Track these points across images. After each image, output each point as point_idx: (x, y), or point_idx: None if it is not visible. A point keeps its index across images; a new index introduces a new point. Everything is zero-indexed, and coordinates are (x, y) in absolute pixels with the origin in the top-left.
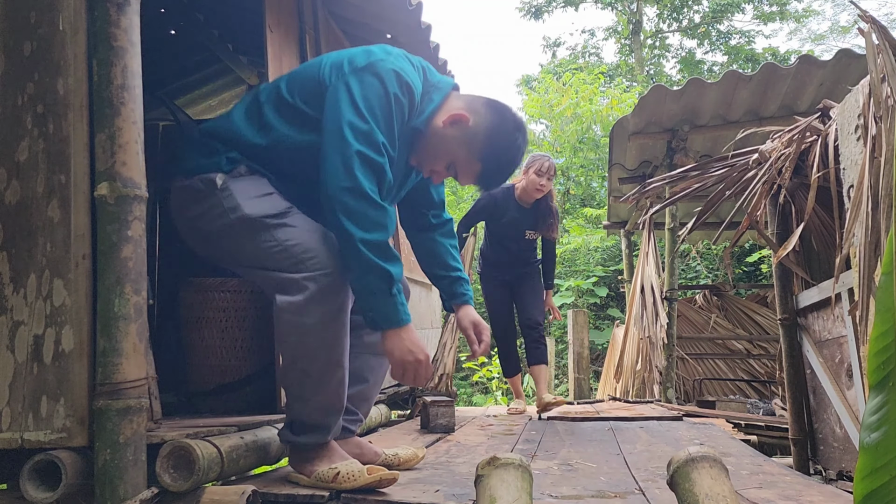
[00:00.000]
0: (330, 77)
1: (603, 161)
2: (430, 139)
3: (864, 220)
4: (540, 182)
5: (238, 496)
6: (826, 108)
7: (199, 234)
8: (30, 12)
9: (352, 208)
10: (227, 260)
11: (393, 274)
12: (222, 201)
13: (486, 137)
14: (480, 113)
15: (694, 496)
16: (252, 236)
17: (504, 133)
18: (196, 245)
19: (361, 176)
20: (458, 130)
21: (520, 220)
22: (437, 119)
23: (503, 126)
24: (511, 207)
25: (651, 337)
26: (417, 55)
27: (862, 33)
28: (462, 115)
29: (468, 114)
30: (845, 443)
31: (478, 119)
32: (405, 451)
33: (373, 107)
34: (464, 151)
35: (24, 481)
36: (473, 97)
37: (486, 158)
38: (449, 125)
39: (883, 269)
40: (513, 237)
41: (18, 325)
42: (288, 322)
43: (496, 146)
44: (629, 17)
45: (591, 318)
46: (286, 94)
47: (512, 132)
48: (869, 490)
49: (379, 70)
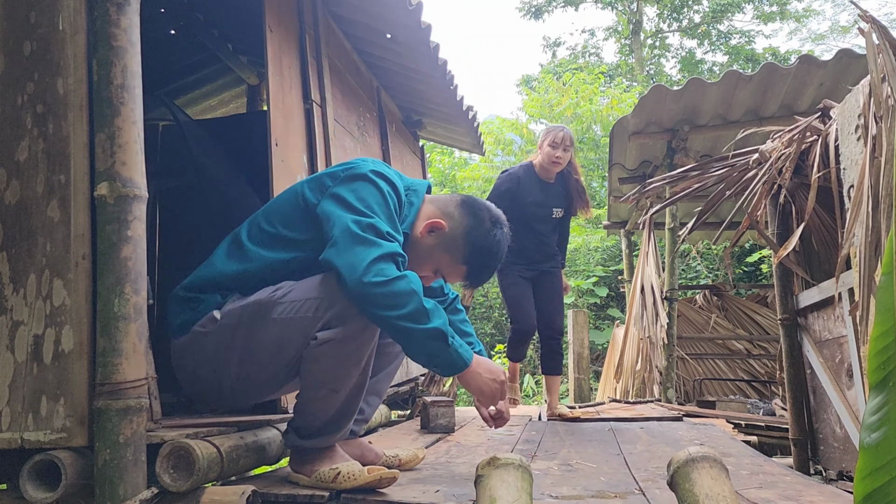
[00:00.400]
0: (314, 195)
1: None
2: (413, 247)
3: (864, 220)
4: (555, 154)
5: (238, 496)
6: (826, 108)
7: (212, 366)
8: (30, 12)
9: (378, 295)
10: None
11: (441, 329)
12: (229, 321)
13: (464, 241)
14: (455, 216)
15: (694, 496)
16: (268, 315)
17: (482, 233)
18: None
19: (374, 261)
20: (437, 238)
21: (545, 199)
22: (416, 228)
23: (480, 226)
24: (534, 186)
25: (651, 337)
26: (417, 55)
27: (862, 33)
28: (438, 223)
29: (444, 219)
30: (845, 443)
31: (453, 224)
32: (405, 453)
33: (370, 204)
34: (446, 258)
35: (24, 481)
36: (446, 200)
37: (469, 260)
38: (427, 234)
39: (883, 269)
40: (540, 217)
41: (18, 325)
42: (324, 353)
43: (476, 247)
44: (629, 16)
45: (592, 318)
46: (266, 226)
47: (490, 230)
48: (869, 490)
49: (363, 172)
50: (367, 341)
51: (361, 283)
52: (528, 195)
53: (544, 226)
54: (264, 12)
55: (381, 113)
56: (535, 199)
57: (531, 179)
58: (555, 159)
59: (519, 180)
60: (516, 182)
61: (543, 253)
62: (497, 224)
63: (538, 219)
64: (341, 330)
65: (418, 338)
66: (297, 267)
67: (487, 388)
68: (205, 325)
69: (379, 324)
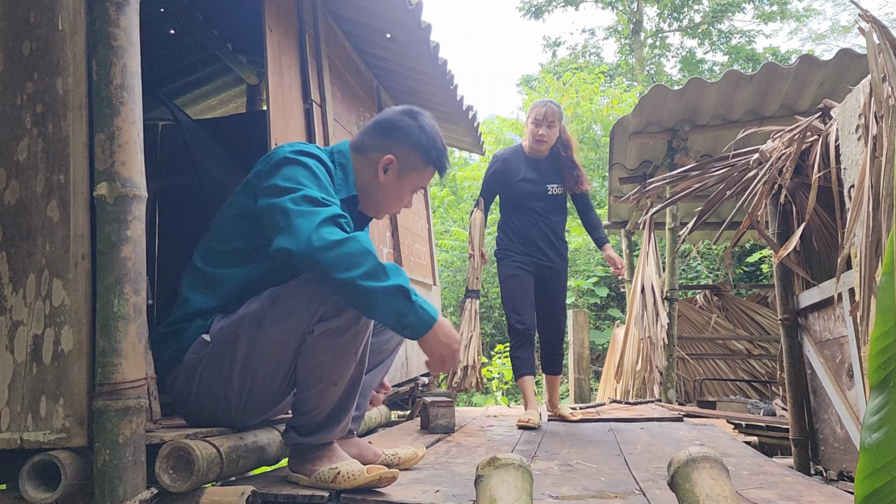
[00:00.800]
0: (251, 199)
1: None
2: (383, 191)
3: (865, 219)
4: (538, 132)
5: (238, 496)
6: (827, 108)
7: (214, 390)
8: (29, 12)
9: (331, 259)
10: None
11: (403, 285)
12: (222, 339)
13: (414, 150)
14: (388, 144)
15: (695, 496)
16: (263, 321)
17: (416, 132)
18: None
19: (317, 227)
20: (395, 169)
21: (538, 176)
22: (371, 178)
23: (410, 130)
24: (523, 163)
25: (651, 337)
26: (417, 55)
27: (863, 33)
28: (385, 160)
29: (384, 153)
30: (846, 443)
31: (394, 149)
32: (405, 451)
33: (298, 179)
34: (413, 175)
35: (24, 482)
36: (366, 140)
37: (429, 158)
38: (385, 174)
39: (884, 269)
40: (535, 195)
41: (18, 325)
42: (321, 346)
43: (424, 145)
44: (629, 16)
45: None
46: (221, 247)
47: (418, 125)
48: (870, 490)
49: (282, 157)
50: (362, 330)
51: (311, 249)
52: (518, 173)
53: (541, 204)
54: (264, 12)
55: None
56: (525, 177)
57: (519, 158)
58: (538, 137)
59: (506, 160)
60: (503, 162)
61: (547, 237)
62: (414, 114)
63: (533, 196)
64: (336, 320)
65: (382, 296)
66: (269, 271)
67: (443, 352)
68: (196, 350)
69: (340, 289)
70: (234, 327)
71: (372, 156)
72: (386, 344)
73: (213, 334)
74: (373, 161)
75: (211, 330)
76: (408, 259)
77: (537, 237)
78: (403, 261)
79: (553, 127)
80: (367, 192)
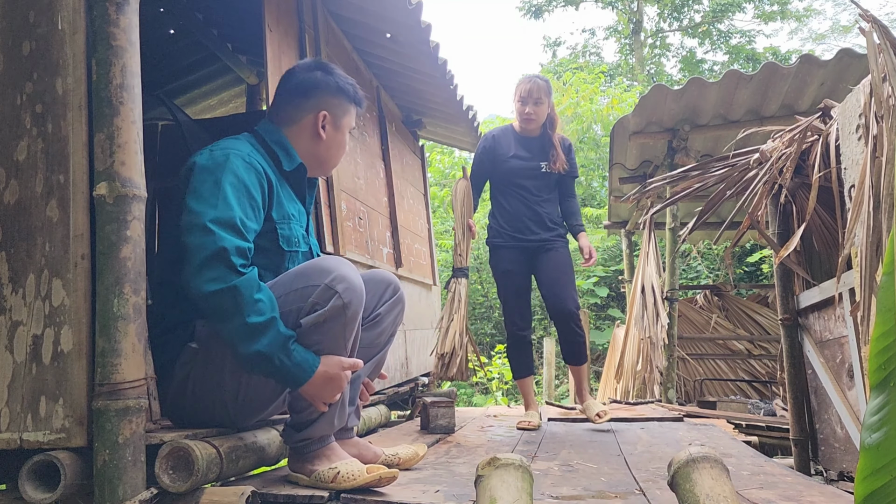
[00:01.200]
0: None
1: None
2: (326, 151)
3: (865, 219)
4: (525, 111)
5: (237, 497)
6: (827, 108)
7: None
8: (29, 12)
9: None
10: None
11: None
12: (209, 344)
13: (337, 97)
14: (311, 103)
15: (695, 497)
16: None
17: (329, 80)
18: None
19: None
20: (330, 122)
21: (529, 153)
22: (313, 138)
23: (325, 80)
24: (513, 141)
25: (652, 337)
26: (417, 54)
27: (863, 33)
28: (319, 116)
29: (314, 111)
30: (846, 443)
31: (318, 105)
32: (405, 451)
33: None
34: (345, 118)
35: (24, 482)
36: (289, 105)
37: (352, 98)
38: (322, 130)
39: (884, 269)
40: (526, 172)
41: (17, 325)
42: (310, 340)
43: (341, 87)
44: (630, 16)
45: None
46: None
47: (322, 69)
48: (870, 490)
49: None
50: (349, 322)
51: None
52: (508, 151)
53: (533, 182)
54: (264, 12)
55: (380, 112)
56: (515, 154)
57: (509, 136)
58: (525, 116)
59: (495, 138)
60: (492, 141)
61: (539, 219)
62: (320, 65)
63: (524, 174)
64: (323, 313)
65: (248, 362)
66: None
67: (328, 394)
68: (185, 359)
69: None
70: None
71: (304, 121)
72: (377, 339)
73: (201, 340)
74: (307, 125)
75: (196, 336)
76: (408, 259)
77: (528, 217)
78: (403, 261)
79: (541, 104)
80: (311, 157)
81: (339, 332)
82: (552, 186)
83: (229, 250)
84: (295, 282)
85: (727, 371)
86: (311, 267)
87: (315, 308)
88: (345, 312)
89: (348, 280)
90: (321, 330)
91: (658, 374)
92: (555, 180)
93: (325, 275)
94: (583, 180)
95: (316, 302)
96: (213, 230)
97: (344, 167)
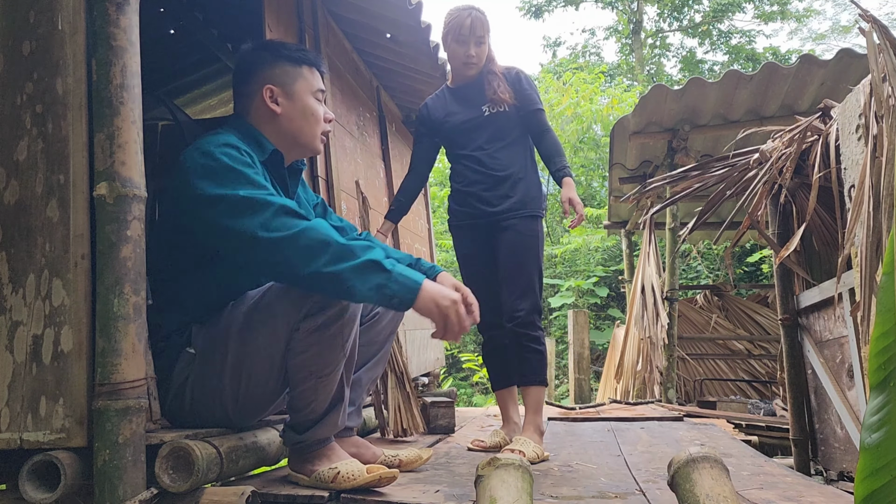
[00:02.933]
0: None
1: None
2: (289, 123)
3: (865, 220)
4: (467, 53)
5: (237, 497)
6: (827, 108)
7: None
8: (29, 12)
9: (289, 259)
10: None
11: (373, 258)
12: (208, 346)
13: (274, 67)
14: (254, 81)
15: (695, 497)
16: (249, 324)
17: (261, 56)
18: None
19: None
20: (278, 93)
21: (465, 105)
22: (269, 124)
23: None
24: (448, 99)
25: (652, 337)
26: (417, 54)
27: (863, 33)
28: (264, 91)
29: (263, 91)
30: (846, 443)
31: (263, 80)
32: (407, 453)
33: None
34: (299, 84)
35: (24, 482)
36: (240, 101)
37: (294, 60)
38: (276, 104)
39: (884, 269)
40: (469, 125)
41: (17, 325)
42: (308, 341)
43: (279, 56)
44: (630, 16)
45: (592, 318)
46: (166, 264)
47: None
48: (870, 491)
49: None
50: (347, 323)
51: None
52: (443, 112)
53: (480, 134)
54: (264, 12)
55: (380, 112)
56: (449, 111)
57: (443, 97)
58: (466, 59)
59: (427, 106)
60: (425, 109)
61: (492, 179)
62: (253, 46)
63: (468, 128)
64: (321, 316)
65: (354, 276)
66: (223, 273)
67: (447, 311)
68: (183, 365)
69: (311, 284)
70: (221, 336)
71: (255, 104)
72: (376, 337)
73: (199, 345)
74: (259, 106)
75: (193, 341)
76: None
77: (476, 183)
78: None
79: (482, 43)
80: (280, 137)
81: (337, 333)
82: (508, 130)
83: (284, 208)
84: (290, 288)
85: (727, 371)
86: None
87: (312, 311)
88: (342, 315)
89: None
90: (319, 332)
91: (658, 374)
92: (511, 122)
93: None
94: (583, 180)
95: (313, 305)
96: (258, 198)
97: (344, 167)
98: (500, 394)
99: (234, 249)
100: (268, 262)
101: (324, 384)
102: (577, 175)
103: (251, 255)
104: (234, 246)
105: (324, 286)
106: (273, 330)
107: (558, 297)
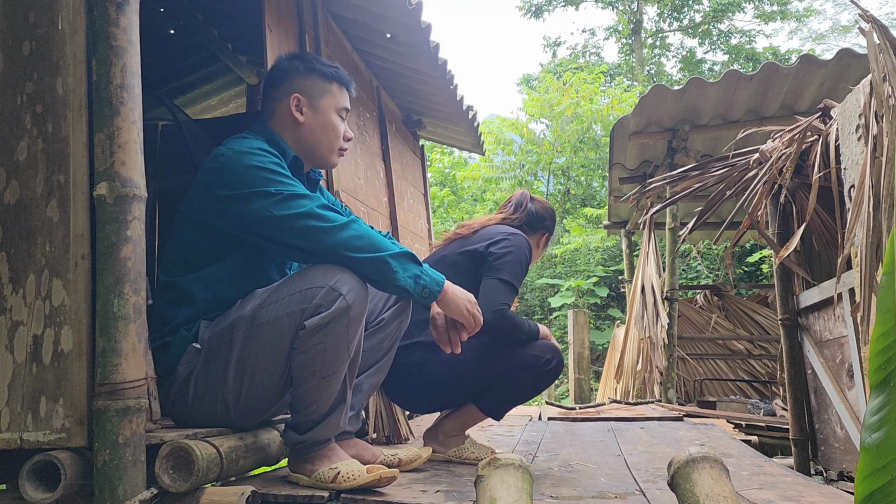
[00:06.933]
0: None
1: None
2: (310, 135)
3: (865, 220)
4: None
5: (237, 497)
6: (827, 108)
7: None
8: (29, 12)
9: (341, 243)
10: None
11: (410, 251)
12: (214, 343)
13: (306, 79)
14: (283, 88)
15: (695, 497)
16: (255, 322)
17: (297, 66)
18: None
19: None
20: (304, 103)
21: None
22: (291, 131)
23: (290, 69)
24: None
25: (651, 337)
26: (417, 55)
27: (863, 33)
28: (291, 100)
29: (288, 99)
30: (846, 443)
31: (292, 88)
32: (406, 452)
33: (261, 178)
34: (326, 99)
35: (24, 482)
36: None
37: (326, 76)
38: (300, 114)
39: (884, 269)
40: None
41: (17, 325)
42: (313, 341)
43: (313, 69)
44: (630, 16)
45: (592, 318)
46: (183, 258)
47: (289, 62)
48: (870, 490)
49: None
50: (353, 323)
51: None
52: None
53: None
54: (264, 12)
55: (380, 112)
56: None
57: None
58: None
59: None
60: None
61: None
62: (290, 55)
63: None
64: (327, 315)
65: (397, 263)
66: (238, 269)
67: (467, 304)
68: (188, 360)
69: (360, 267)
70: (226, 332)
71: (280, 109)
72: (380, 343)
73: (205, 341)
74: (284, 112)
75: (200, 337)
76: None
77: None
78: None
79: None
80: (300, 145)
81: (343, 333)
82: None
83: (321, 201)
84: (299, 283)
85: (727, 371)
86: (316, 269)
87: (319, 310)
88: (348, 314)
89: (352, 282)
90: (324, 331)
91: (658, 374)
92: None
93: (329, 276)
94: (582, 180)
95: (320, 304)
96: (303, 195)
97: (344, 167)
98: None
99: (285, 236)
100: (321, 247)
101: (327, 385)
102: (578, 175)
103: (304, 241)
104: (286, 233)
105: (370, 269)
106: (279, 327)
107: (558, 297)
